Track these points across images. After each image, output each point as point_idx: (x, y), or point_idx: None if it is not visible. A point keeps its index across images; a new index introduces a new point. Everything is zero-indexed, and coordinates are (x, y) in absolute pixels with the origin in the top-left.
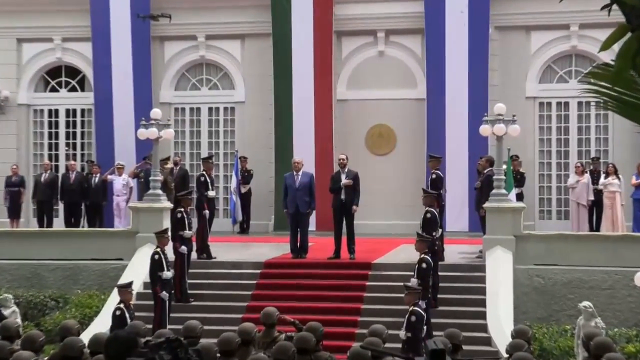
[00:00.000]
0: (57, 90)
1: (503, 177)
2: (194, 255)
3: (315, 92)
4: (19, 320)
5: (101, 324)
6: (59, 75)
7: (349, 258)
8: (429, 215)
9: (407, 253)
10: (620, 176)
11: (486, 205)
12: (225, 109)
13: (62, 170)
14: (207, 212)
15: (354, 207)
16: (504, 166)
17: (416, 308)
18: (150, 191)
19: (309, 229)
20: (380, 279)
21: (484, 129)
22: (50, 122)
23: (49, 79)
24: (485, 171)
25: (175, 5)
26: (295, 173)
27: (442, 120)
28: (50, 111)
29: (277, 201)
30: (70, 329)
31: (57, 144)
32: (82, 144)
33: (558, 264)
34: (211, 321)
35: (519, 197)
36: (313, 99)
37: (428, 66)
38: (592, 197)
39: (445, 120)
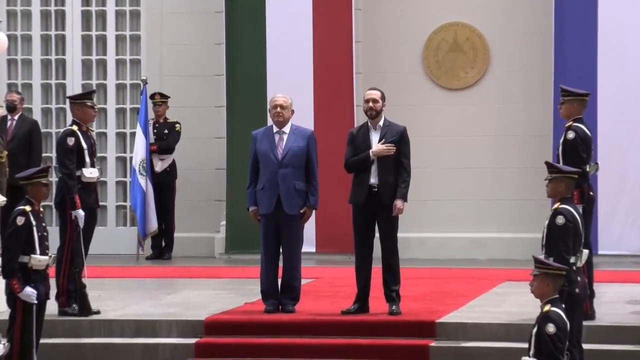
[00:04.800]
0: None
1: None
2: (51, 306)
3: None
4: None
5: None
6: None
7: (389, 312)
8: (560, 219)
9: (514, 302)
10: None
11: None
12: None
13: None
14: (80, 212)
15: (398, 202)
16: None
17: None
18: None
19: (304, 249)
20: (453, 357)
21: None
22: None
23: None
24: None
25: None
26: (276, 129)
27: (589, 18)
28: None
29: (232, 191)
30: None
31: None
32: None
33: None
34: None
35: None
36: None
37: None
38: None
39: (597, 18)
